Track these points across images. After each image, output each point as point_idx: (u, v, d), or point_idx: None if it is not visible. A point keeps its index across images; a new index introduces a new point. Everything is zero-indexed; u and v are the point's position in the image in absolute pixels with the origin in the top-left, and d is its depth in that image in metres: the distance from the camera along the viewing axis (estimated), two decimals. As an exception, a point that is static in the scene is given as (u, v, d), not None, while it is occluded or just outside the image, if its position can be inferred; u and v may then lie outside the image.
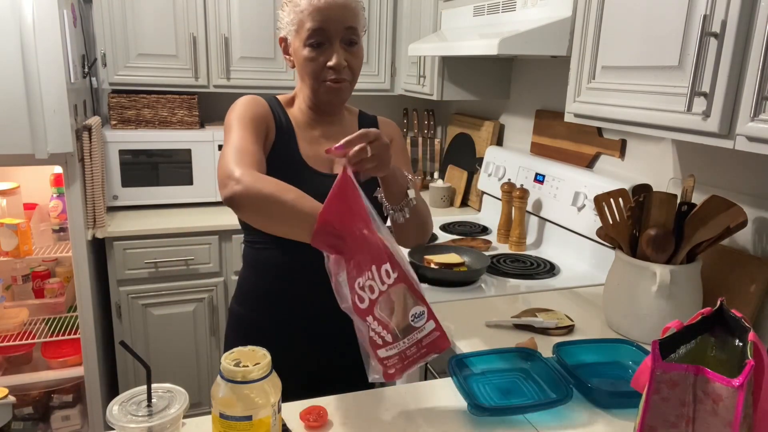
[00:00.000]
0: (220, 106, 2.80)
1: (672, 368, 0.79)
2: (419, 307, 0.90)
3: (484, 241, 2.08)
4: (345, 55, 1.13)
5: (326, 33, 1.11)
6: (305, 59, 1.14)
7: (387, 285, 0.88)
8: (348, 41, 1.14)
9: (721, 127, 1.05)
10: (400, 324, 0.90)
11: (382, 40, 2.65)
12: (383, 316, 0.89)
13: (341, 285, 0.91)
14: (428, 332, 0.91)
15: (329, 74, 1.14)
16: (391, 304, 0.89)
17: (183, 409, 0.79)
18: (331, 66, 1.12)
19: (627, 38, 1.28)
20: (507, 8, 1.80)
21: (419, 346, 0.91)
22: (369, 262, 0.88)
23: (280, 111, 1.21)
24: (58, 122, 1.86)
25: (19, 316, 2.23)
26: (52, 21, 1.80)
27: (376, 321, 0.89)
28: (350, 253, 0.89)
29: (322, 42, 1.12)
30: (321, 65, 1.13)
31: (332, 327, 1.25)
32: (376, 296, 0.89)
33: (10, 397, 1.03)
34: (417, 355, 0.91)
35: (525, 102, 2.35)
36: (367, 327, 0.90)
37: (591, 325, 1.43)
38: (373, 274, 0.88)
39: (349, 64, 1.15)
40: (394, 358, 0.90)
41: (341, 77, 1.14)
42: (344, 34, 1.13)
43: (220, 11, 2.41)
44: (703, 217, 1.25)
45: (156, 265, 2.25)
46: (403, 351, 0.91)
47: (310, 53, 1.13)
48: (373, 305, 0.89)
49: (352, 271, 0.89)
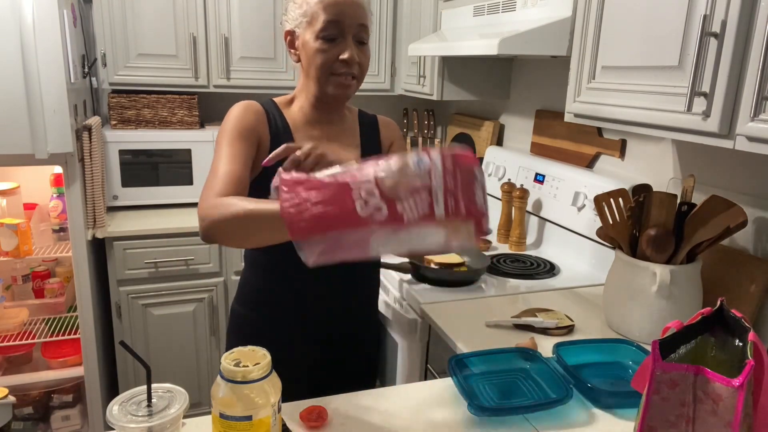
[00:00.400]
0: (220, 106, 2.80)
1: (672, 368, 0.79)
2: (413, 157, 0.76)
3: (484, 241, 2.08)
4: (356, 53, 1.14)
5: (341, 26, 1.11)
6: (316, 51, 1.12)
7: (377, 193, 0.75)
8: (359, 39, 1.14)
9: (721, 127, 1.05)
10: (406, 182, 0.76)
11: (382, 40, 2.65)
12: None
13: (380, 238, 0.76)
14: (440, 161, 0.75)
15: (340, 68, 1.13)
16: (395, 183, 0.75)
17: (183, 409, 0.79)
18: (344, 59, 1.12)
19: (627, 38, 1.28)
20: (507, 8, 1.80)
21: (448, 174, 0.75)
22: (343, 212, 0.75)
23: (276, 114, 1.20)
24: (58, 122, 1.86)
25: (19, 316, 2.23)
26: (52, 21, 1.80)
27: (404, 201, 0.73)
28: (338, 237, 0.77)
29: (335, 36, 1.12)
30: (333, 57, 1.13)
31: (333, 327, 1.26)
32: (377, 200, 0.74)
33: (10, 397, 1.03)
34: (456, 180, 0.75)
35: (525, 102, 2.35)
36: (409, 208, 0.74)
37: (591, 325, 1.43)
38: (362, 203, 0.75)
39: (360, 61, 1.15)
40: (443, 198, 0.74)
41: (351, 72, 1.14)
42: (357, 31, 1.13)
43: (220, 11, 2.41)
44: (703, 217, 1.25)
45: (156, 265, 2.25)
46: (443, 189, 0.75)
47: (323, 45, 1.12)
48: (393, 207, 0.75)
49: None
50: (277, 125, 1.19)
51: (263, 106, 1.20)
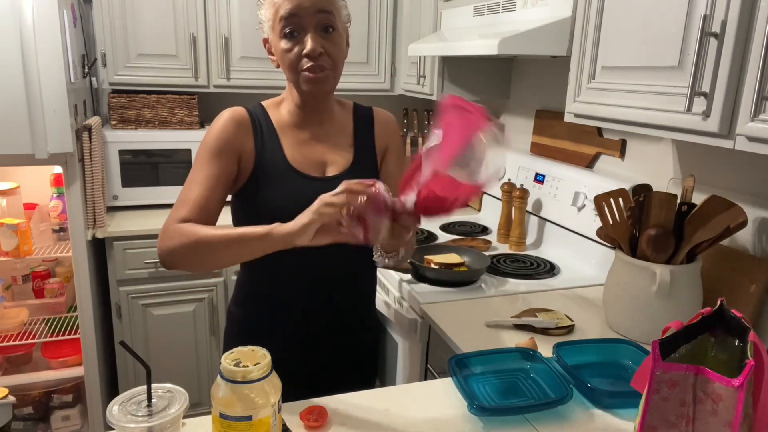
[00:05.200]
0: (220, 106, 2.78)
1: (672, 368, 0.79)
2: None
3: (484, 241, 2.08)
4: (321, 42, 1.10)
5: (298, 19, 1.08)
6: (282, 52, 1.11)
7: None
8: (323, 27, 1.10)
9: (721, 127, 1.05)
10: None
11: (382, 40, 2.65)
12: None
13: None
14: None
15: (306, 63, 1.10)
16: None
17: (183, 409, 0.79)
18: (306, 53, 1.09)
19: (627, 38, 1.28)
20: (507, 8, 1.80)
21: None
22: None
23: (262, 119, 1.18)
24: (58, 122, 1.86)
25: (19, 316, 2.23)
26: (52, 21, 1.80)
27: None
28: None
29: (295, 30, 1.09)
30: (297, 55, 1.10)
31: (332, 328, 1.25)
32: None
33: (10, 397, 1.03)
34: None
35: (525, 102, 2.35)
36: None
37: (591, 325, 1.43)
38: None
39: (327, 50, 1.10)
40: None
41: (319, 64, 1.10)
42: (318, 20, 1.09)
43: (220, 11, 2.41)
44: (703, 217, 1.25)
45: (156, 265, 2.25)
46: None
47: (286, 44, 1.10)
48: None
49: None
50: (262, 132, 1.17)
51: (249, 113, 1.18)
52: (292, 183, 1.15)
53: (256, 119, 1.18)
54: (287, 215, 1.03)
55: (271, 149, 1.17)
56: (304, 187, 1.14)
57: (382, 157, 1.28)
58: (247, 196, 1.17)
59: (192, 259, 1.05)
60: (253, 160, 1.16)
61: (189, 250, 1.04)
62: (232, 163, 1.15)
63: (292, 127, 1.20)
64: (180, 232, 1.05)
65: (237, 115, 1.17)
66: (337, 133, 1.24)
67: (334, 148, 1.22)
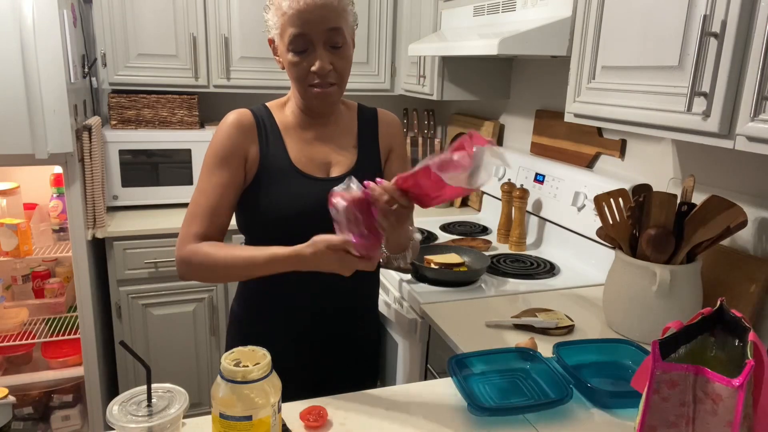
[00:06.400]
0: (220, 106, 2.80)
1: (672, 368, 0.79)
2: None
3: (484, 241, 2.08)
4: (330, 58, 1.10)
5: (308, 38, 1.08)
6: (290, 64, 1.12)
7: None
8: (332, 44, 1.11)
9: (721, 127, 1.05)
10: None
11: (382, 40, 2.65)
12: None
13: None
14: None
15: (314, 79, 1.11)
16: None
17: (183, 409, 0.79)
18: (314, 71, 1.10)
19: (627, 38, 1.28)
20: (507, 8, 1.80)
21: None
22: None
23: (267, 121, 1.19)
24: (58, 122, 1.86)
25: (19, 316, 2.23)
26: (52, 21, 1.80)
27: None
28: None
29: (304, 47, 1.10)
30: (305, 70, 1.11)
31: (332, 328, 1.25)
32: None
33: (10, 397, 1.03)
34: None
35: (525, 102, 2.35)
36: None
37: (591, 325, 1.43)
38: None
39: (335, 66, 1.12)
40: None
41: (327, 81, 1.12)
42: (327, 37, 1.09)
43: (220, 11, 2.41)
44: (703, 217, 1.25)
45: (156, 265, 2.25)
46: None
47: (294, 58, 1.10)
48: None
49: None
50: (266, 134, 1.18)
51: (254, 115, 1.18)
52: (296, 183, 1.16)
53: (261, 121, 1.19)
54: (292, 215, 1.02)
55: (276, 150, 1.17)
56: (308, 188, 1.15)
57: (385, 158, 1.28)
58: (252, 196, 1.17)
59: (211, 279, 1.15)
60: (257, 162, 1.16)
61: (209, 273, 1.11)
62: (239, 169, 1.15)
63: (297, 127, 1.21)
64: (199, 257, 1.10)
65: (241, 119, 1.17)
66: (341, 134, 1.24)
67: (339, 149, 1.22)
